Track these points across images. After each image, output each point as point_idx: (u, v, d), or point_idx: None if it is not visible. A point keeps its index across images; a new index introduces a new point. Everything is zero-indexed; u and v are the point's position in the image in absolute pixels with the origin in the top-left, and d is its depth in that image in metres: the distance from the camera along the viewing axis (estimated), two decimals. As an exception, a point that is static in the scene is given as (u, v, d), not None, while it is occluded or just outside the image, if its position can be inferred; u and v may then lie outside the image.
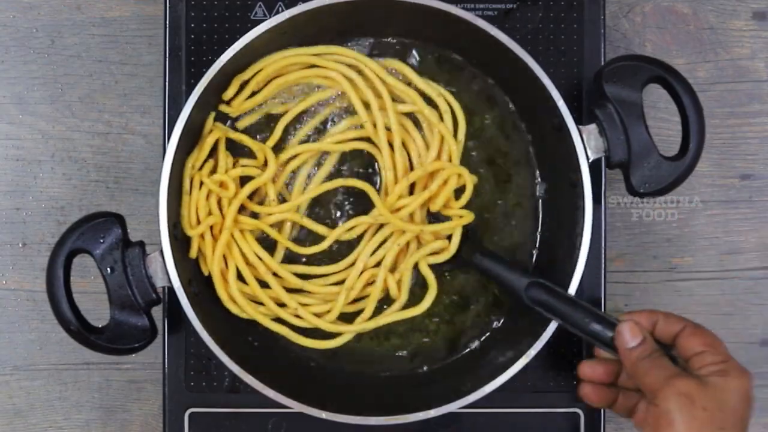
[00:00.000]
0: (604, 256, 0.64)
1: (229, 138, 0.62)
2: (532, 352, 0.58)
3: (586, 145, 0.58)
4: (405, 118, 0.63)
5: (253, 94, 0.62)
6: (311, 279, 0.62)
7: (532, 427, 0.63)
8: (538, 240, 0.65)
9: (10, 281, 0.69)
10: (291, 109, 0.63)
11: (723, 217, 0.69)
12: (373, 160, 0.63)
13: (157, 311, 0.59)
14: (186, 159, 0.60)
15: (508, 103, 0.65)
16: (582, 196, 0.58)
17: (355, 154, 0.64)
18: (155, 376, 0.68)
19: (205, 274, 0.61)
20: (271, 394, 0.57)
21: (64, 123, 0.69)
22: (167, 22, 0.64)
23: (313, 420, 0.57)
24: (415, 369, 0.64)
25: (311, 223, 0.63)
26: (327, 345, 0.61)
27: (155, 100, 0.68)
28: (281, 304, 0.61)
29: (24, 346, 0.68)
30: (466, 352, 0.64)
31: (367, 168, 0.64)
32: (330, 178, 0.63)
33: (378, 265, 0.62)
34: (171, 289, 0.57)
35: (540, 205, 0.65)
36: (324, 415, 0.57)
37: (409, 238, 0.62)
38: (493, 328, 0.65)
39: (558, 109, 0.58)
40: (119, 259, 0.57)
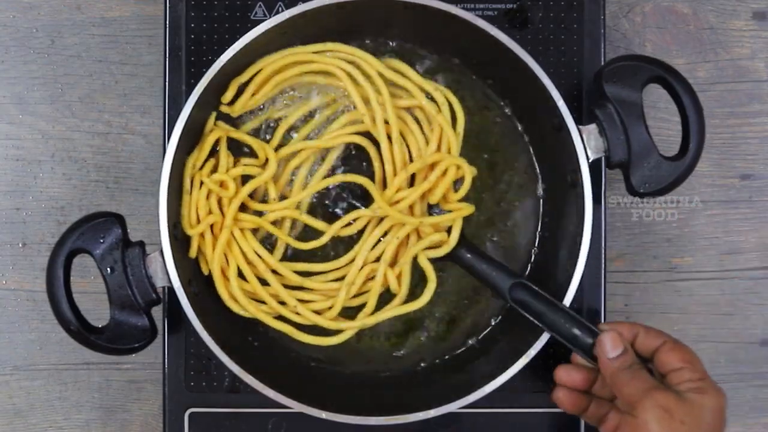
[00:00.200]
0: (604, 256, 0.64)
1: (230, 138, 0.62)
2: (532, 352, 0.58)
3: (586, 145, 0.58)
4: (404, 112, 0.62)
5: (253, 95, 0.62)
6: (312, 276, 0.62)
7: (532, 427, 0.64)
8: (538, 240, 0.65)
9: (10, 281, 0.69)
10: (291, 114, 0.63)
11: (723, 217, 0.69)
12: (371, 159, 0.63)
13: (157, 311, 0.59)
14: (186, 159, 0.60)
15: (507, 103, 0.65)
16: (582, 196, 0.58)
17: (354, 155, 0.64)
18: (155, 376, 0.68)
19: (205, 274, 0.61)
20: (271, 394, 0.57)
21: (64, 123, 0.69)
22: (167, 22, 0.64)
23: (313, 420, 0.57)
24: (415, 368, 0.64)
25: (310, 219, 0.62)
26: (329, 341, 0.61)
27: (155, 100, 0.68)
28: (282, 302, 0.61)
29: (24, 346, 0.68)
30: (466, 351, 0.64)
31: (367, 168, 0.64)
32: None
33: (378, 260, 0.62)
34: (171, 289, 0.57)
35: (540, 205, 0.65)
36: (324, 415, 0.57)
37: (408, 230, 0.61)
38: (492, 327, 0.65)
39: (558, 109, 0.58)
40: (119, 259, 0.57)
